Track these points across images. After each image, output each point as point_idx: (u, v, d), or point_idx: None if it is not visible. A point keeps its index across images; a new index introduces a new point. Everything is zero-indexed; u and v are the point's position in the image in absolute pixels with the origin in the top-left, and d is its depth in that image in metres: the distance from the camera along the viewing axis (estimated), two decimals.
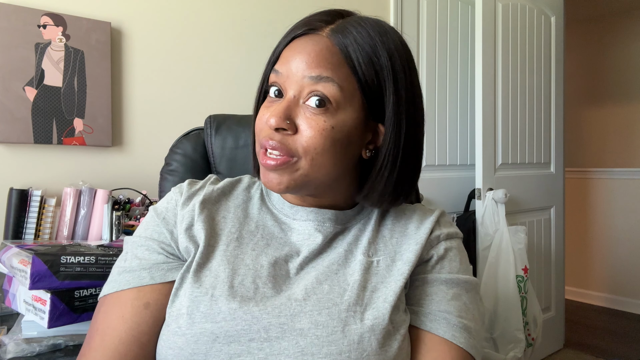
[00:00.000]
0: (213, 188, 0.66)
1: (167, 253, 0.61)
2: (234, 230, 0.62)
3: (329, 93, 0.54)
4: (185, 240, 0.60)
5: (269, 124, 0.54)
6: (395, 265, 0.60)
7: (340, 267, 0.59)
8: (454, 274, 0.62)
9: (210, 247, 0.60)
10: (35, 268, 0.86)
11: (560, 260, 2.58)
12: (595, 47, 3.60)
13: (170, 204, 0.64)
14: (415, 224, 0.64)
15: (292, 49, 0.57)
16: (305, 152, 0.55)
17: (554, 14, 2.53)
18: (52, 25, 1.31)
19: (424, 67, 2.16)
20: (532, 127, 2.39)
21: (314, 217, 0.62)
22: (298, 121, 0.55)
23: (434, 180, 2.18)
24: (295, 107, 0.55)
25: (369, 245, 0.61)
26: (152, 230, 0.62)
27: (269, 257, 0.59)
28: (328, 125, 0.55)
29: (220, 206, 0.65)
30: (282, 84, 0.57)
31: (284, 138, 0.55)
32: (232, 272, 0.57)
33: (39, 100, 1.29)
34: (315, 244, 0.61)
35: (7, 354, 0.88)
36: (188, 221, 0.61)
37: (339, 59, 0.55)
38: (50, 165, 1.33)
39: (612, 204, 3.44)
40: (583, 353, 2.62)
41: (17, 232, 1.18)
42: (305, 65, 0.55)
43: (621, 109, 3.48)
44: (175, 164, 0.88)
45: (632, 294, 3.33)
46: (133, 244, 0.62)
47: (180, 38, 1.55)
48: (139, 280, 0.59)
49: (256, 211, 0.65)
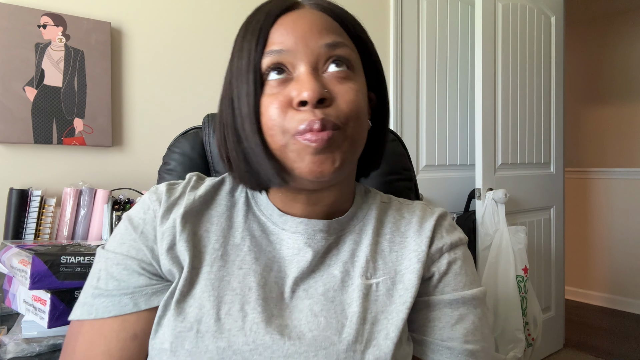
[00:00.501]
0: (194, 196, 0.58)
1: (149, 274, 0.54)
2: (217, 246, 0.55)
3: (349, 56, 0.53)
4: (168, 262, 0.53)
5: (306, 97, 0.48)
6: (396, 289, 0.55)
7: (337, 293, 0.54)
8: (459, 291, 0.57)
9: (195, 269, 0.53)
10: (35, 268, 0.86)
11: (560, 260, 2.58)
12: (595, 47, 3.60)
13: (148, 214, 0.56)
14: (415, 230, 0.59)
15: (287, 24, 0.52)
16: (350, 119, 0.50)
17: (554, 14, 2.53)
18: (52, 25, 1.31)
19: (424, 67, 2.16)
20: (532, 127, 2.39)
21: (303, 229, 0.56)
22: (330, 91, 0.51)
23: (434, 180, 2.18)
24: (319, 78, 0.51)
25: (366, 264, 0.56)
26: (129, 246, 0.55)
27: (257, 277, 0.53)
28: (358, 87, 0.52)
29: (203, 217, 0.58)
30: (289, 62, 0.51)
31: (326, 111, 0.49)
32: (217, 301, 0.51)
33: (39, 100, 1.29)
34: (305, 261, 0.55)
35: (7, 354, 0.88)
36: (169, 240, 0.54)
37: (338, 26, 0.54)
38: (50, 165, 1.33)
39: (612, 204, 3.44)
40: (583, 353, 2.62)
41: (17, 232, 1.18)
42: (316, 34, 0.51)
43: (621, 109, 3.48)
44: (174, 163, 0.88)
45: (632, 294, 3.33)
46: (107, 261, 0.55)
47: (180, 38, 1.55)
48: (120, 307, 0.52)
49: (241, 218, 0.58)
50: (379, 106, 0.60)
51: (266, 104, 0.51)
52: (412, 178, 0.91)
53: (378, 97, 0.60)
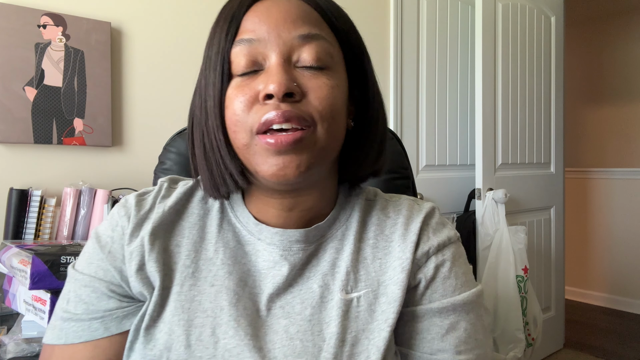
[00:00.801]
0: (164, 208, 0.54)
1: (119, 296, 0.51)
2: (188, 262, 0.51)
3: (325, 50, 0.48)
4: (137, 284, 0.50)
5: (271, 90, 0.44)
6: (379, 303, 0.51)
7: (315, 311, 0.50)
8: (449, 297, 0.52)
9: (165, 290, 0.50)
10: (35, 268, 0.86)
11: (560, 260, 2.58)
12: (595, 47, 3.60)
13: (116, 232, 0.53)
14: (400, 234, 0.54)
15: (261, 12, 0.48)
16: (322, 117, 0.46)
17: (554, 14, 2.53)
18: (52, 25, 1.31)
19: (424, 67, 2.16)
20: (532, 127, 2.39)
21: (278, 240, 0.52)
22: (301, 85, 0.46)
23: (434, 180, 2.18)
24: (291, 71, 0.46)
25: (347, 277, 0.51)
26: (96, 267, 0.52)
27: (230, 294, 0.49)
28: (333, 83, 0.47)
29: (174, 230, 0.53)
30: (260, 53, 0.47)
31: (294, 105, 0.45)
32: (188, 325, 0.48)
33: (39, 100, 1.29)
34: (280, 275, 0.51)
35: (7, 354, 0.88)
36: (138, 260, 0.50)
37: (317, 15, 0.49)
38: (50, 165, 1.33)
39: (612, 204, 3.44)
40: (583, 353, 2.62)
41: (17, 232, 1.18)
42: (290, 24, 0.47)
43: (621, 109, 3.48)
44: (169, 163, 0.88)
45: (632, 294, 3.33)
46: (76, 282, 0.52)
47: (180, 38, 1.55)
48: (91, 332, 0.49)
49: (215, 228, 0.54)
50: (363, 105, 0.54)
51: (231, 97, 0.47)
52: (409, 176, 0.91)
53: (363, 96, 0.54)
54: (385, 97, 0.56)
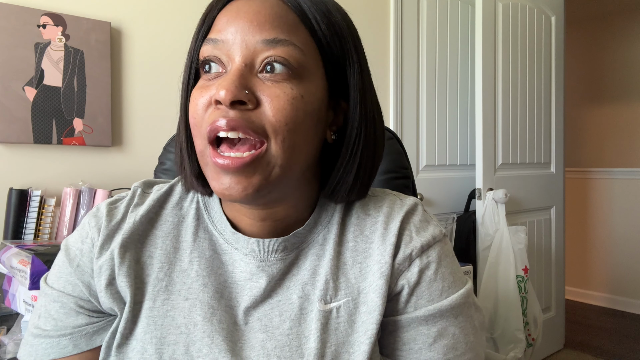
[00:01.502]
0: (135, 218, 0.51)
1: (88, 311, 0.49)
2: (161, 275, 0.49)
3: (291, 57, 0.43)
4: (107, 299, 0.48)
5: (220, 96, 0.41)
6: (359, 313, 0.48)
7: (294, 324, 0.47)
8: (435, 302, 0.49)
9: (137, 305, 0.48)
10: (35, 268, 0.86)
11: (560, 260, 2.58)
12: (595, 47, 3.60)
13: (86, 244, 0.50)
14: (379, 234, 0.50)
15: (231, 11, 0.45)
16: (275, 130, 0.42)
17: (554, 14, 2.53)
18: (52, 25, 1.31)
19: (424, 67, 2.15)
20: (532, 127, 2.39)
21: (255, 250, 0.49)
22: (258, 93, 0.43)
23: (434, 180, 2.18)
24: (250, 77, 0.43)
25: (326, 285, 0.48)
26: (65, 282, 0.50)
27: (204, 308, 0.47)
28: (297, 93, 0.43)
29: (146, 240, 0.51)
30: (225, 55, 0.44)
31: (244, 114, 0.42)
32: (160, 342, 0.46)
33: (38, 100, 1.29)
34: (258, 288, 0.48)
35: (7, 354, 0.88)
36: (107, 274, 0.48)
37: (294, 18, 0.45)
38: (50, 165, 1.33)
39: (612, 204, 3.44)
40: (583, 353, 2.61)
41: (17, 232, 1.18)
42: (255, 27, 0.43)
43: (621, 109, 3.48)
44: (169, 163, 0.88)
45: (632, 294, 3.33)
46: (46, 297, 0.50)
47: (180, 38, 1.55)
48: (59, 350, 0.48)
49: (190, 237, 0.51)
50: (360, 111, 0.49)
51: (193, 97, 0.45)
52: (409, 176, 0.91)
53: (350, 110, 0.49)
54: (385, 98, 0.53)
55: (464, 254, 2.10)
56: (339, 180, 0.49)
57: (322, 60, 0.47)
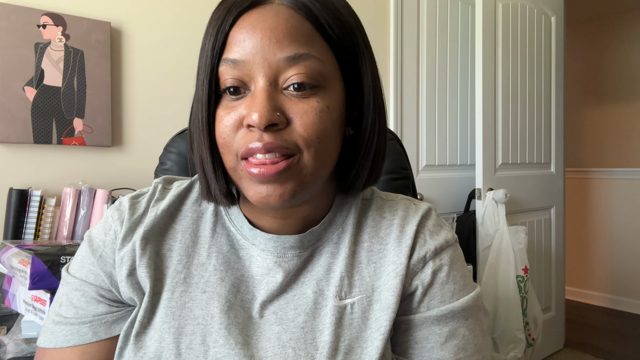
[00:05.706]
0: (157, 212, 0.53)
1: (109, 300, 0.51)
2: (180, 267, 0.51)
3: (313, 71, 0.44)
4: (128, 289, 0.50)
5: (253, 121, 0.42)
6: (373, 310, 0.49)
7: (308, 317, 0.49)
8: (447, 303, 0.51)
9: (156, 296, 0.50)
10: (35, 268, 0.86)
11: (561, 260, 2.58)
12: (595, 47, 3.60)
13: (109, 236, 0.52)
14: (395, 236, 0.53)
15: (246, 27, 0.45)
16: (308, 144, 0.44)
17: (554, 14, 2.53)
18: (52, 25, 1.31)
19: (424, 67, 2.15)
20: (532, 127, 2.39)
21: (272, 246, 0.51)
22: (287, 112, 0.44)
23: (434, 180, 2.18)
24: (276, 96, 0.44)
25: (341, 282, 0.50)
26: (87, 271, 0.52)
27: (221, 301, 0.49)
28: (323, 105, 0.45)
29: (166, 234, 0.53)
30: (247, 74, 0.45)
31: (277, 134, 0.44)
32: (178, 332, 0.48)
33: (38, 100, 1.29)
34: (274, 282, 0.50)
35: (7, 354, 0.88)
36: (129, 264, 0.50)
37: (309, 27, 0.45)
38: (50, 165, 1.33)
39: (612, 204, 3.44)
40: (583, 353, 2.61)
41: (17, 232, 1.18)
42: (275, 44, 0.44)
43: (621, 109, 3.48)
44: (170, 163, 0.88)
45: (632, 294, 3.33)
46: (68, 285, 0.52)
47: (180, 38, 1.55)
48: (79, 337, 0.49)
49: (208, 232, 0.53)
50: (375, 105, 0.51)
51: (220, 118, 0.46)
52: (409, 177, 0.91)
53: (365, 102, 0.51)
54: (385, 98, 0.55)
55: (464, 254, 2.10)
56: (357, 171, 0.51)
57: (338, 63, 0.48)
